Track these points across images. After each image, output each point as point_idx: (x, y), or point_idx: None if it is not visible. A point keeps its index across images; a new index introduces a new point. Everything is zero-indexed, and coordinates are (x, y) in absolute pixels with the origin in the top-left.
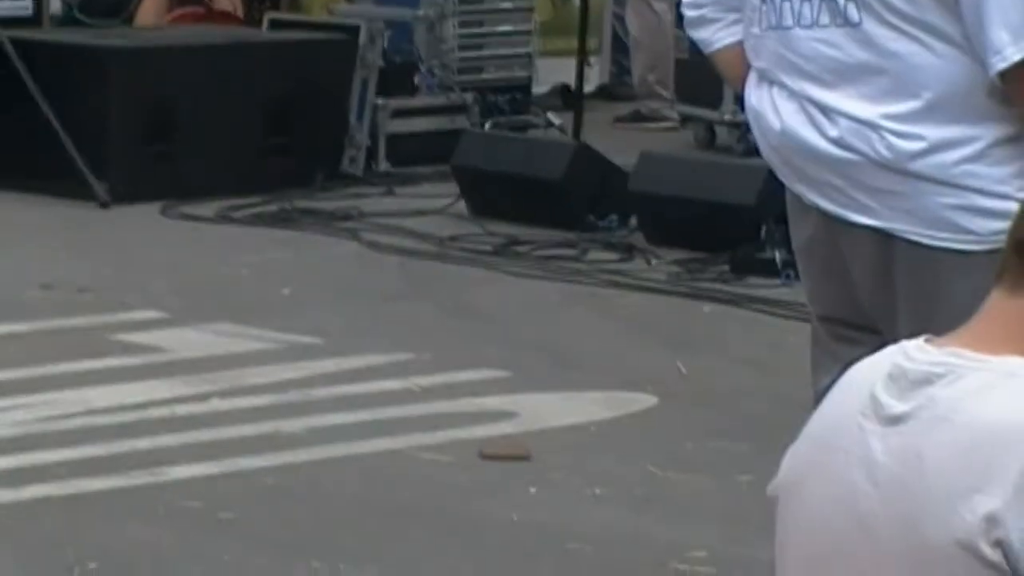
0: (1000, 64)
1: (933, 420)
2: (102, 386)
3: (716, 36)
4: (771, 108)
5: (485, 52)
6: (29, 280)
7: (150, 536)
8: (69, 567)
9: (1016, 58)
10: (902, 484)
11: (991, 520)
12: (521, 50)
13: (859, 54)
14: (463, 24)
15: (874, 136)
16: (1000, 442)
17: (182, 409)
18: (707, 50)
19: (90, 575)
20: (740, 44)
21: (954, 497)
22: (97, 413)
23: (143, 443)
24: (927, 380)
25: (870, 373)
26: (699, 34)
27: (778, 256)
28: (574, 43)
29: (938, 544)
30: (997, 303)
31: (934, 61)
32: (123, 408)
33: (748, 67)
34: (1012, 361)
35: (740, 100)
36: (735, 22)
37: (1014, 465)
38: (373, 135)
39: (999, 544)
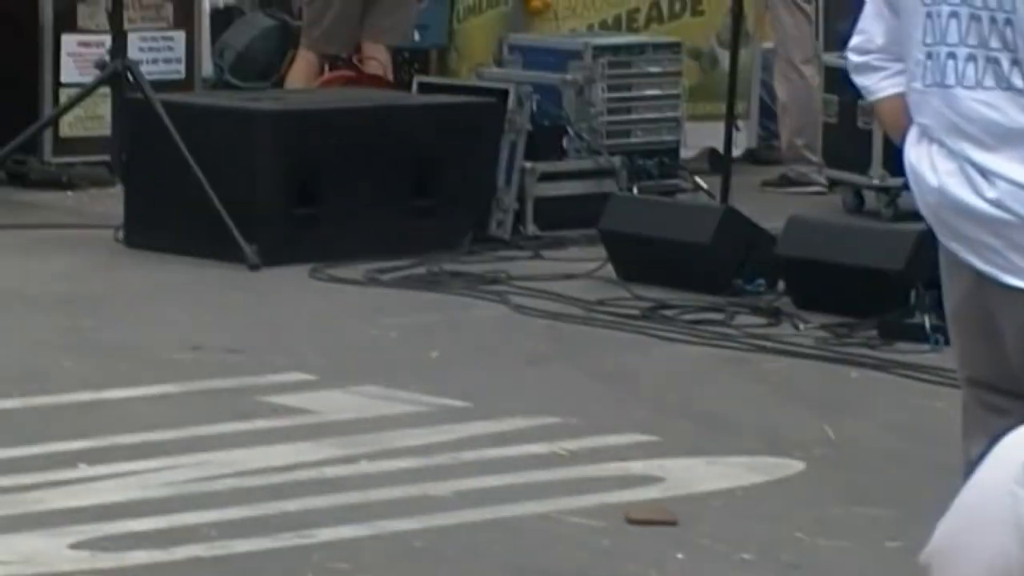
0: None
1: None
2: (251, 447)
3: (880, 85)
4: (929, 166)
5: (633, 116)
6: (179, 342)
7: None
8: None
9: None
10: None
11: None
12: (669, 114)
13: (1021, 119)
14: (611, 88)
15: None
16: None
17: (330, 471)
18: (870, 97)
19: None
20: (903, 96)
21: None
22: (246, 475)
23: (292, 505)
24: None
25: (1022, 441)
26: (863, 80)
27: (927, 321)
28: (722, 107)
29: None
30: None
31: None
32: (272, 470)
33: (910, 120)
34: None
35: (888, 164)
36: (899, 72)
37: None
38: (521, 198)
39: None
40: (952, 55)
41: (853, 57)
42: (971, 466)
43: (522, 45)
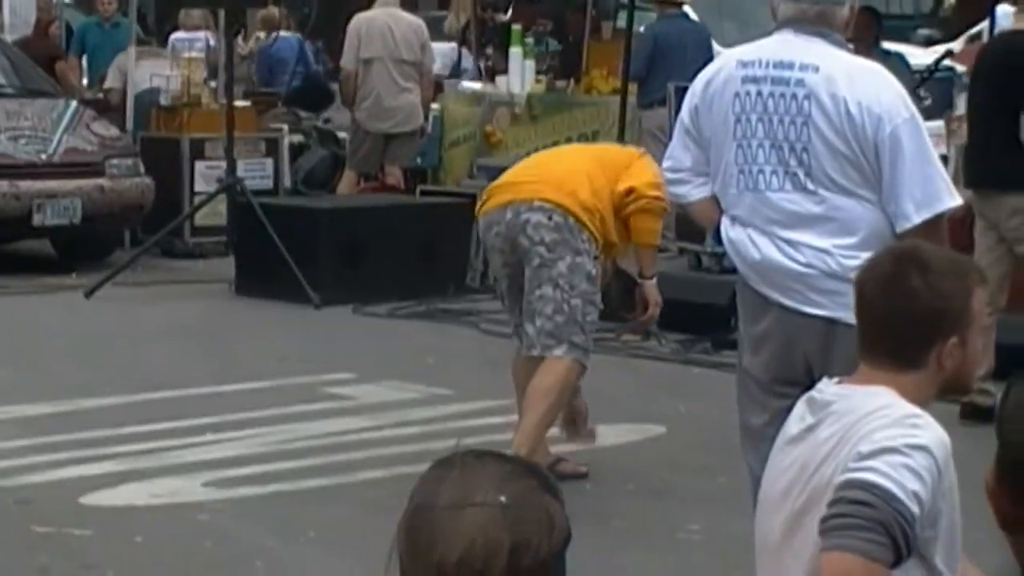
0: (906, 225)
1: (830, 418)
2: (315, 421)
3: (691, 192)
4: (750, 242)
5: None
6: (272, 352)
7: (344, 514)
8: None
9: (917, 221)
10: (809, 458)
11: (844, 467)
12: None
13: (814, 209)
14: None
15: (828, 258)
16: (857, 427)
17: (365, 435)
18: (683, 202)
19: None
20: (710, 198)
21: (833, 458)
22: (312, 438)
23: (341, 456)
24: (828, 403)
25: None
26: (677, 190)
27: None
28: None
29: (823, 483)
30: (863, 363)
31: (864, 212)
32: (328, 434)
33: (719, 214)
34: (872, 387)
35: (716, 237)
36: (704, 183)
37: (856, 437)
38: (485, 262)
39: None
40: (761, 171)
41: (668, 175)
42: (746, 427)
43: (486, 165)
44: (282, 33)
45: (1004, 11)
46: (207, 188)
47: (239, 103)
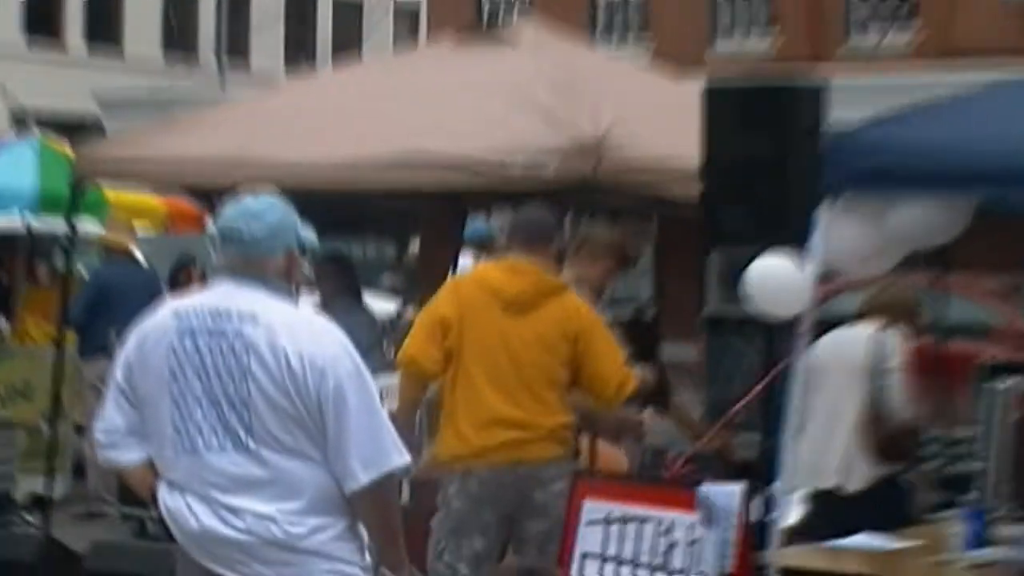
0: (354, 486)
1: None
2: None
3: (124, 456)
4: (187, 510)
5: None
6: None
7: None
8: None
9: (365, 481)
10: None
11: None
12: (5, 468)
13: (256, 471)
14: None
15: (272, 525)
16: None
17: None
18: (117, 467)
19: None
20: (145, 462)
21: None
22: None
23: None
24: None
25: None
26: (108, 454)
27: None
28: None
29: None
30: None
31: (309, 474)
32: None
33: (156, 478)
34: None
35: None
36: (139, 447)
37: None
38: None
39: None
40: (199, 430)
41: (100, 437)
42: None
43: None
44: None
45: (465, 263)
46: None
47: None
